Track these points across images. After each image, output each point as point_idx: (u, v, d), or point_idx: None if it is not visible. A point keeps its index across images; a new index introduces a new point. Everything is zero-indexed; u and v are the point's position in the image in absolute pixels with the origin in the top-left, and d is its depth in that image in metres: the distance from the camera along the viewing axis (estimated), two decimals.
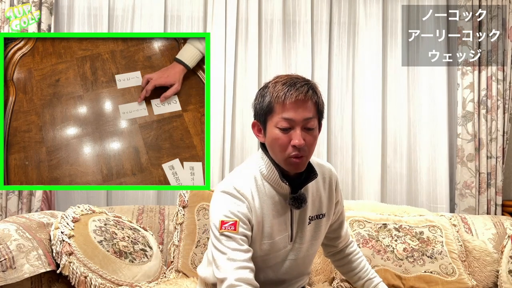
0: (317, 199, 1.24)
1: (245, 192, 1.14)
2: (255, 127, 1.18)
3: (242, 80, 2.33)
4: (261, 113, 1.14)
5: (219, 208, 1.13)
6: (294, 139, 1.09)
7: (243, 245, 1.08)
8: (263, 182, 1.17)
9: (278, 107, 1.10)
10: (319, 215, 1.24)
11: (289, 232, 1.20)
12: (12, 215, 1.94)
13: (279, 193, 1.17)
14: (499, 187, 2.34)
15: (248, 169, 1.20)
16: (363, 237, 1.88)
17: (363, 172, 2.43)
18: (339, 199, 1.32)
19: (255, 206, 1.14)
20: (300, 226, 1.21)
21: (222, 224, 1.09)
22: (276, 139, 1.11)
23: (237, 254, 1.06)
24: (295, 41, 2.42)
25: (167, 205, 2.11)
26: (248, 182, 1.16)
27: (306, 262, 1.28)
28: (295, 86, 1.09)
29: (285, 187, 1.16)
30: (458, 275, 1.80)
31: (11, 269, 1.37)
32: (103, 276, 1.53)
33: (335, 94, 2.46)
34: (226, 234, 1.08)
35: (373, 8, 2.45)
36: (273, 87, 1.12)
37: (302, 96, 1.09)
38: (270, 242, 1.17)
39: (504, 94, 2.34)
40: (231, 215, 1.10)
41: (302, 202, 1.16)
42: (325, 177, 1.27)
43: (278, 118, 1.10)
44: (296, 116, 1.09)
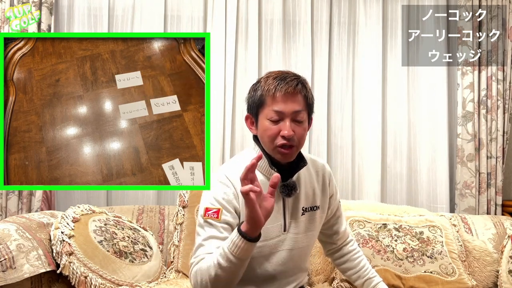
0: (310, 191, 1.28)
1: (234, 179, 1.18)
2: (248, 120, 1.24)
3: (242, 80, 2.33)
4: (253, 106, 1.20)
5: (207, 195, 1.19)
6: (284, 129, 1.14)
7: (223, 233, 1.12)
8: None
9: (269, 100, 1.15)
10: (313, 207, 1.28)
11: (282, 221, 1.22)
12: (12, 215, 1.94)
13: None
14: (499, 187, 2.34)
15: (240, 159, 1.24)
16: (363, 237, 1.88)
17: (363, 172, 2.43)
18: (334, 193, 1.35)
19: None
20: (293, 216, 1.24)
21: (206, 211, 1.15)
22: (266, 130, 1.16)
23: (212, 242, 1.11)
24: (295, 41, 2.42)
25: (167, 205, 2.11)
26: (238, 170, 1.18)
27: (302, 255, 1.29)
28: (285, 80, 1.15)
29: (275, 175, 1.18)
30: (458, 275, 1.80)
31: (11, 269, 1.37)
32: (103, 276, 1.53)
33: (335, 94, 2.46)
34: (209, 222, 1.13)
35: (373, 8, 2.45)
36: (264, 81, 1.17)
37: (292, 89, 1.14)
38: (263, 229, 1.17)
39: (504, 94, 2.34)
40: (215, 202, 1.15)
41: (292, 190, 1.20)
42: (318, 171, 1.31)
43: (269, 111, 1.15)
44: (286, 108, 1.14)
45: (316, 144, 2.40)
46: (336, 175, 2.42)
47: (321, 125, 2.40)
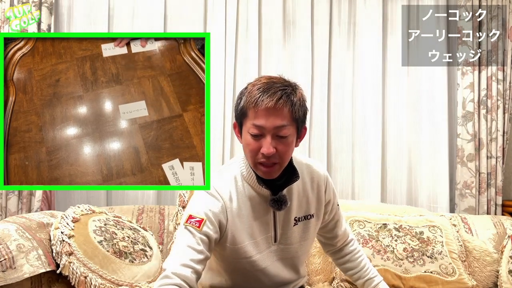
0: (304, 200, 1.24)
1: (223, 192, 1.15)
2: (236, 128, 1.18)
3: (242, 80, 2.33)
4: (238, 116, 1.14)
5: (193, 203, 1.15)
6: (264, 147, 1.07)
7: (200, 245, 1.06)
8: (243, 183, 1.18)
9: (251, 113, 1.08)
10: (307, 216, 1.24)
11: (271, 232, 1.20)
12: (12, 215, 1.94)
13: (260, 195, 1.17)
14: (499, 187, 2.34)
15: (229, 170, 1.20)
16: (363, 237, 1.88)
17: (363, 172, 2.43)
18: (331, 198, 1.30)
19: (231, 207, 1.14)
20: (284, 227, 1.21)
21: (189, 218, 1.10)
22: (247, 145, 1.11)
23: (188, 252, 1.05)
24: (295, 41, 2.42)
25: (167, 205, 2.11)
26: (227, 183, 1.17)
27: (297, 264, 1.28)
28: (268, 93, 1.06)
29: (264, 189, 1.16)
30: (458, 275, 1.80)
31: (11, 269, 1.37)
32: (103, 276, 1.53)
33: (335, 94, 2.46)
34: (189, 229, 1.08)
35: (373, 8, 2.45)
36: (249, 90, 1.10)
37: (273, 104, 1.04)
38: (253, 242, 1.17)
39: (504, 94, 2.34)
40: (201, 212, 1.10)
41: (282, 204, 1.15)
42: (313, 177, 1.26)
43: (250, 124, 1.08)
44: (266, 124, 1.06)
45: (316, 144, 2.40)
46: (336, 175, 2.42)
47: (321, 125, 2.40)
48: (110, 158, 1.43)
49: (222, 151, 2.30)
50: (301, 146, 2.33)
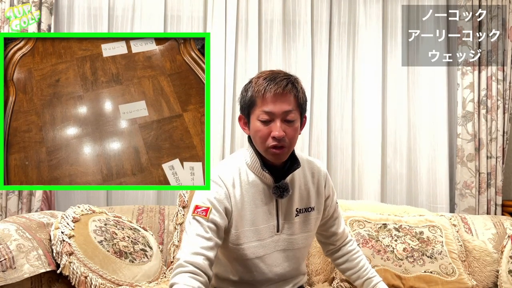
0: (305, 192, 1.28)
1: (226, 179, 1.20)
2: (241, 120, 1.24)
3: (242, 80, 2.33)
4: (245, 107, 1.20)
5: (200, 193, 1.19)
6: (274, 130, 1.14)
7: (208, 233, 1.12)
8: (247, 171, 1.23)
9: (259, 101, 1.15)
10: (308, 208, 1.29)
11: (274, 222, 1.24)
12: (12, 215, 1.94)
13: (264, 183, 1.23)
14: (499, 187, 2.34)
15: (233, 160, 1.26)
16: (363, 237, 1.88)
17: (363, 172, 2.43)
18: (330, 194, 1.35)
19: (234, 194, 1.19)
20: (287, 217, 1.25)
21: (196, 208, 1.15)
22: (257, 131, 1.17)
23: (198, 240, 1.11)
24: (295, 41, 2.42)
25: (167, 205, 2.11)
26: (231, 170, 1.23)
27: (298, 257, 1.30)
28: (274, 81, 1.14)
29: (267, 176, 1.21)
30: (458, 275, 1.80)
31: (11, 269, 1.37)
32: (103, 276, 1.53)
33: (335, 94, 2.46)
34: (196, 219, 1.14)
35: (373, 8, 2.45)
36: (255, 82, 1.18)
37: (281, 90, 1.13)
38: (254, 229, 1.21)
39: (504, 94, 2.34)
40: (206, 201, 1.16)
41: (284, 191, 1.21)
42: (313, 172, 1.32)
43: (259, 111, 1.15)
44: (275, 109, 1.14)
45: (316, 144, 2.40)
46: (336, 175, 2.42)
47: (321, 125, 2.40)
48: (110, 158, 1.44)
49: (222, 151, 2.30)
50: (302, 146, 2.34)
